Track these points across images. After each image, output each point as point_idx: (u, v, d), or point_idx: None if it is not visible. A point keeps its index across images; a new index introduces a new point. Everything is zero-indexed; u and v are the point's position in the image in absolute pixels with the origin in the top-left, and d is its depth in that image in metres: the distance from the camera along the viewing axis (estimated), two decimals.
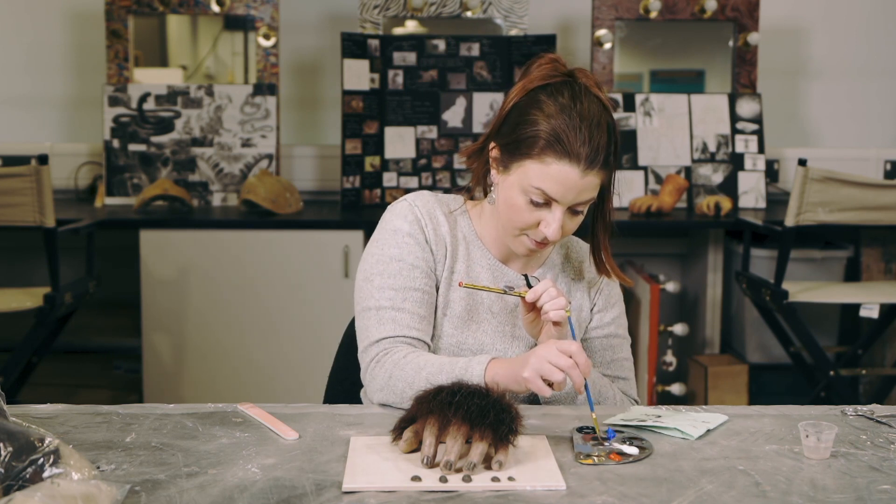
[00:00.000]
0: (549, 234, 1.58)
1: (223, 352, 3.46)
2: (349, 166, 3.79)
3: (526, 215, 1.59)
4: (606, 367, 1.76)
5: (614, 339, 1.77)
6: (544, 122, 1.55)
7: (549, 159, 1.54)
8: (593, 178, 1.56)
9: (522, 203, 1.58)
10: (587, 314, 1.76)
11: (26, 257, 3.92)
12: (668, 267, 4.13)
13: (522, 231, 1.61)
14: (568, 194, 1.56)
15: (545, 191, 1.56)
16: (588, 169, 1.55)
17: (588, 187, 1.57)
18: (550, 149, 1.54)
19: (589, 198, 1.59)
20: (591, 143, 1.54)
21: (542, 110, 1.56)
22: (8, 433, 1.16)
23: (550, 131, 1.54)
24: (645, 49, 4.26)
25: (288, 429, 1.46)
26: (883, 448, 1.44)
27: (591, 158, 1.54)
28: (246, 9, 3.97)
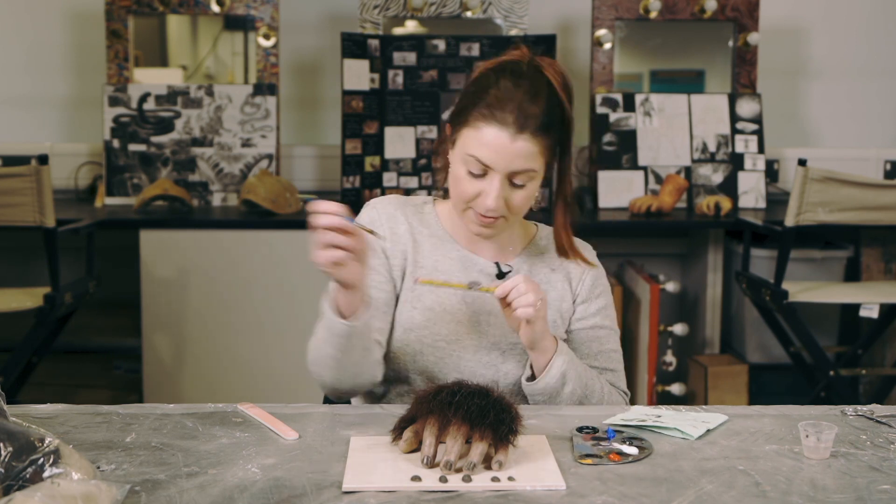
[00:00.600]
0: (487, 204, 1.59)
1: (223, 352, 3.46)
2: (349, 166, 3.79)
3: (467, 186, 1.61)
4: (593, 359, 1.74)
5: (600, 330, 1.76)
6: (481, 91, 1.60)
7: (480, 124, 1.58)
8: (525, 144, 1.57)
9: (463, 174, 1.61)
10: (569, 306, 1.75)
11: (26, 257, 3.92)
12: (668, 267, 4.13)
13: (467, 205, 1.63)
14: (499, 160, 1.57)
15: (478, 157, 1.58)
16: (518, 133, 1.57)
17: (521, 154, 1.58)
18: (480, 113, 1.58)
19: (525, 167, 1.59)
20: (522, 109, 1.57)
21: (482, 83, 1.62)
22: (8, 433, 1.16)
23: (482, 98, 1.59)
24: (645, 49, 4.27)
25: (288, 429, 1.46)
26: (883, 448, 1.44)
27: (520, 123, 1.57)
28: (246, 9, 3.97)
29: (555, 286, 1.74)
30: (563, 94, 1.63)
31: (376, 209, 1.74)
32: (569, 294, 1.75)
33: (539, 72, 1.63)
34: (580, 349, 1.75)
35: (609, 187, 3.91)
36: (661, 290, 3.57)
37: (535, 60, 1.64)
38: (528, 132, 1.57)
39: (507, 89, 1.59)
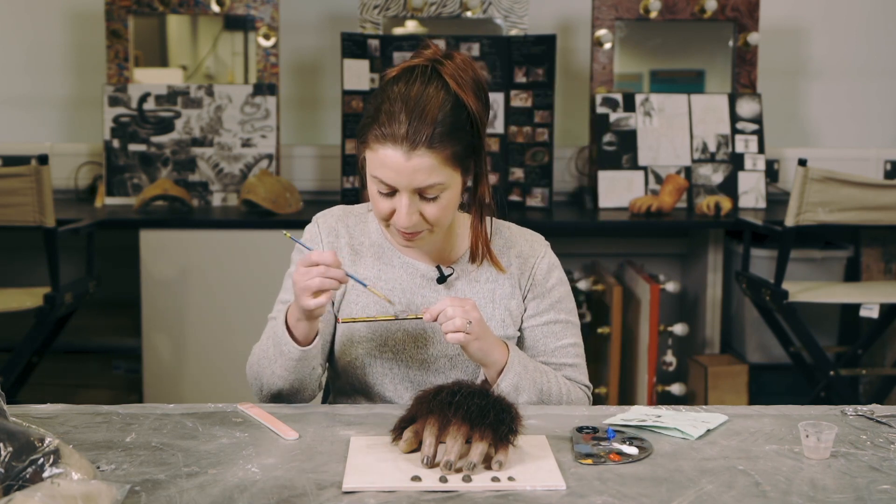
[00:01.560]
0: (398, 223, 1.58)
1: (223, 352, 3.46)
2: (349, 166, 3.79)
3: (380, 204, 1.59)
4: (550, 356, 1.72)
5: (555, 325, 1.73)
6: (377, 106, 1.57)
7: (376, 146, 1.56)
8: (422, 159, 1.53)
9: (375, 193, 1.60)
10: (519, 303, 1.72)
11: (26, 257, 3.92)
12: (668, 267, 4.13)
13: (386, 222, 1.62)
14: (400, 179, 1.54)
15: (380, 178, 1.56)
16: (411, 150, 1.53)
17: (420, 169, 1.53)
18: (373, 135, 1.56)
19: (428, 182, 1.55)
20: (410, 124, 1.52)
21: (378, 96, 1.58)
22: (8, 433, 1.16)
23: (375, 117, 1.56)
24: (645, 49, 4.26)
25: (288, 429, 1.46)
26: (883, 448, 1.44)
27: (411, 139, 1.52)
28: (246, 9, 3.97)
29: (502, 284, 1.72)
30: (466, 92, 1.56)
31: (317, 224, 1.75)
32: (518, 291, 1.72)
33: (436, 75, 1.57)
34: (535, 346, 1.72)
35: (609, 187, 3.91)
36: (661, 290, 3.57)
37: (437, 61, 1.58)
38: (423, 146, 1.52)
39: (397, 103, 1.54)
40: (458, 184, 1.60)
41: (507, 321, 1.71)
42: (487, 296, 1.70)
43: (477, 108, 1.58)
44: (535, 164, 3.88)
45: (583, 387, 1.73)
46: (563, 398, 1.67)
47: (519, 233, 1.78)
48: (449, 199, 1.59)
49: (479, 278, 1.71)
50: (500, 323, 1.70)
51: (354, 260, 1.72)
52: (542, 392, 1.64)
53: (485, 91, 1.61)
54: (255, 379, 1.68)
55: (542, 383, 1.65)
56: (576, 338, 1.75)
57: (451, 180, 1.57)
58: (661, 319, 3.61)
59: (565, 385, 1.69)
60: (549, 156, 3.87)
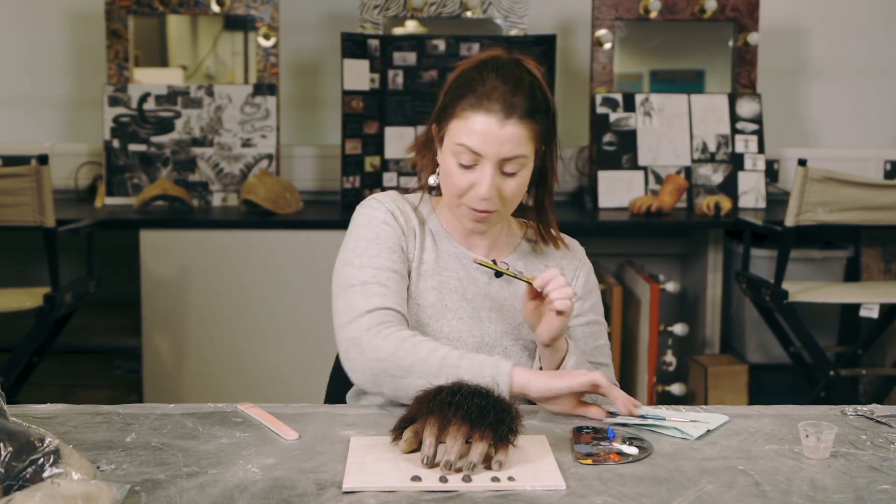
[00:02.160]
0: (481, 192, 1.60)
1: (223, 352, 3.46)
2: (349, 166, 3.79)
3: (458, 179, 1.62)
4: (590, 355, 1.76)
5: (594, 325, 1.79)
6: (465, 86, 1.61)
7: (467, 113, 1.59)
8: (514, 128, 1.58)
9: (454, 167, 1.62)
10: None
11: (26, 257, 3.92)
12: (668, 267, 4.13)
13: (460, 199, 1.63)
14: (489, 146, 1.58)
15: (467, 145, 1.59)
16: (506, 119, 1.58)
17: (510, 139, 1.58)
18: (466, 102, 1.60)
19: (515, 153, 1.59)
20: (507, 95, 1.58)
21: (465, 78, 1.63)
22: (8, 433, 1.16)
23: (468, 88, 1.60)
24: (645, 49, 4.27)
25: (288, 429, 1.46)
26: (883, 448, 1.44)
27: (507, 108, 1.58)
28: (246, 9, 3.97)
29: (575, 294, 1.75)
30: (546, 83, 1.65)
31: (386, 204, 1.71)
32: None
33: (520, 64, 1.65)
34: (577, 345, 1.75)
35: (609, 187, 3.91)
36: (661, 290, 3.58)
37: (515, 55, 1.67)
38: (516, 117, 1.58)
39: (491, 81, 1.60)
40: (532, 165, 1.65)
41: None
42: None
43: (553, 101, 1.66)
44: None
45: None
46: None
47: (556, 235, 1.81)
48: (524, 178, 1.64)
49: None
50: None
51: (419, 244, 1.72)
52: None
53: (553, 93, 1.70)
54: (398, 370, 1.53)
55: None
56: (607, 339, 1.82)
57: (530, 157, 1.63)
58: (661, 319, 3.61)
59: None
60: None
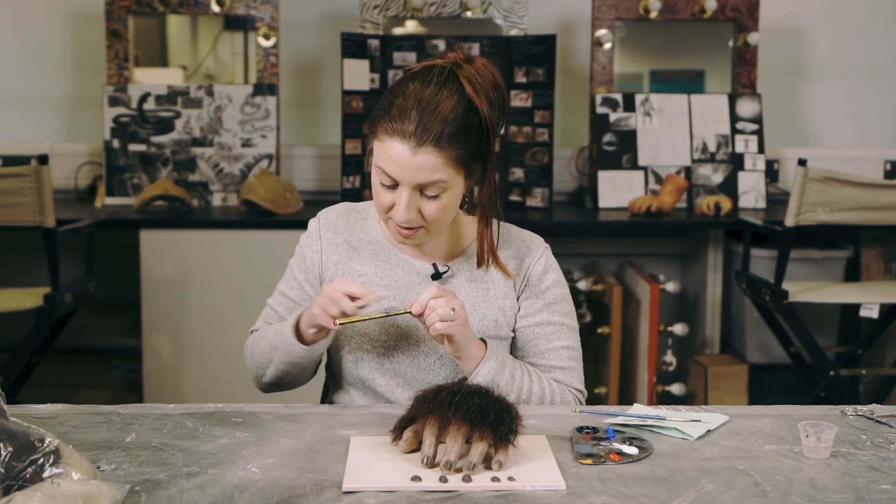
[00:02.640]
0: (395, 217, 1.60)
1: (223, 352, 3.46)
2: (349, 166, 3.79)
3: (382, 196, 1.62)
4: (540, 357, 1.72)
5: (547, 326, 1.72)
6: (390, 100, 1.60)
7: (384, 136, 1.58)
8: (427, 157, 1.55)
9: (377, 185, 1.62)
10: (513, 303, 1.72)
11: (26, 257, 3.92)
12: (668, 267, 4.13)
13: (386, 215, 1.63)
14: (403, 173, 1.57)
15: (384, 169, 1.59)
16: (417, 147, 1.55)
17: (423, 167, 1.55)
18: (383, 126, 1.58)
19: (430, 179, 1.56)
20: (421, 122, 1.55)
21: (394, 90, 1.61)
22: (8, 433, 1.16)
23: (386, 110, 1.59)
24: (645, 49, 4.27)
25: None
26: (883, 448, 1.44)
27: (419, 136, 1.54)
28: (246, 9, 3.97)
29: (497, 284, 1.72)
30: (480, 97, 1.58)
31: (319, 220, 1.78)
32: (512, 291, 1.73)
33: (453, 77, 1.58)
34: (526, 346, 1.72)
35: (609, 187, 3.91)
36: (661, 290, 3.57)
37: (457, 63, 1.60)
38: (430, 145, 1.54)
39: (411, 98, 1.56)
40: (461, 186, 1.61)
41: (500, 321, 1.71)
42: (481, 295, 1.71)
43: (489, 114, 1.59)
44: (535, 165, 3.88)
45: (573, 390, 1.71)
46: (546, 400, 1.66)
47: (518, 234, 1.78)
48: (449, 199, 1.60)
49: (475, 278, 1.72)
50: (492, 323, 1.70)
51: (351, 256, 1.74)
52: (522, 391, 1.64)
53: (502, 98, 1.63)
54: (256, 368, 1.76)
55: (523, 382, 1.64)
56: (570, 341, 1.74)
57: (453, 181, 1.58)
58: (661, 319, 3.61)
59: (550, 387, 1.68)
60: (549, 156, 3.87)
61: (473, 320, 1.68)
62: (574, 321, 1.77)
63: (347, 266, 1.72)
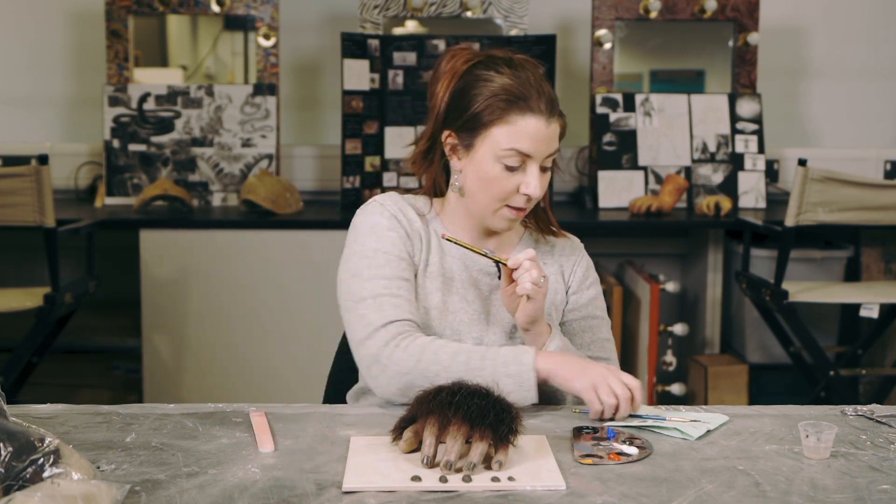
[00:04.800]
0: (531, 192, 1.63)
1: (223, 352, 3.46)
2: (349, 166, 3.79)
3: (504, 183, 1.64)
4: (587, 349, 1.76)
5: (592, 319, 1.78)
6: (496, 87, 1.63)
7: (514, 117, 1.62)
8: (556, 126, 1.65)
9: (498, 172, 1.63)
10: (563, 297, 1.77)
11: (26, 257, 3.92)
12: (668, 267, 4.13)
13: (503, 202, 1.65)
14: (540, 146, 1.63)
15: (519, 149, 1.62)
16: (550, 117, 1.63)
17: (553, 136, 1.65)
18: (513, 107, 1.62)
19: (554, 149, 1.66)
20: (545, 93, 1.63)
21: (488, 80, 1.64)
22: (8, 433, 1.16)
23: (507, 92, 1.62)
24: (645, 49, 4.26)
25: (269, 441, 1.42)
26: (883, 448, 1.44)
27: (549, 107, 1.63)
28: (246, 9, 3.97)
29: (550, 277, 1.76)
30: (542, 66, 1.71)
31: (389, 207, 1.70)
32: (562, 285, 1.78)
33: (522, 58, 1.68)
34: (574, 340, 1.76)
35: (609, 187, 3.91)
36: (661, 290, 3.57)
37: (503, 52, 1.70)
38: (556, 114, 1.65)
39: (520, 78, 1.63)
40: None
41: (551, 313, 1.75)
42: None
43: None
44: None
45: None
46: None
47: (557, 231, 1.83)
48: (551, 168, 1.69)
49: None
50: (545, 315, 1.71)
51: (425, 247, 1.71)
52: None
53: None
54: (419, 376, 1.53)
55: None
56: (610, 334, 1.81)
57: None
58: (661, 319, 3.61)
59: None
60: None
61: None
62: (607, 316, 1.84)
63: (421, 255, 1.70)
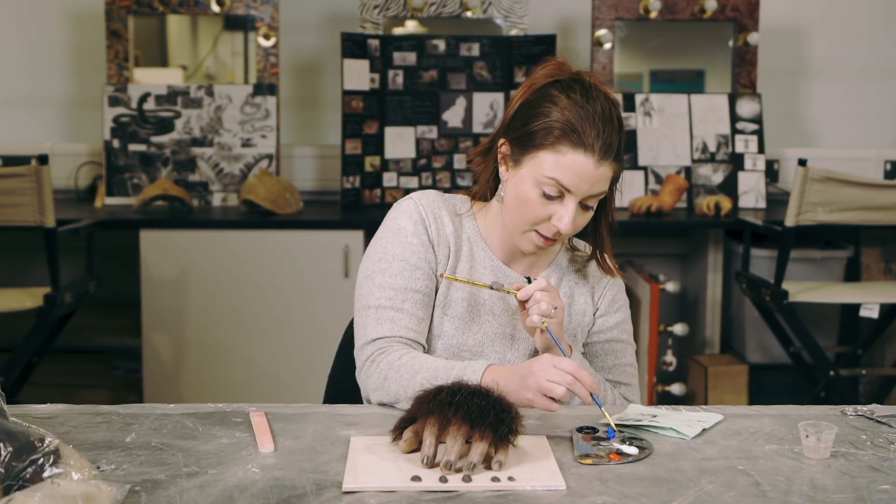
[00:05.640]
0: (562, 228, 1.58)
1: (223, 352, 3.45)
2: (349, 166, 3.79)
3: (538, 209, 1.59)
4: (608, 372, 1.75)
5: (617, 343, 1.76)
6: (558, 113, 1.57)
7: (564, 149, 1.56)
8: (606, 170, 1.58)
9: (535, 196, 1.59)
10: (590, 318, 1.76)
11: (26, 257, 3.92)
12: (668, 267, 4.13)
13: (533, 226, 1.61)
14: (582, 185, 1.56)
15: (560, 181, 1.56)
16: (602, 160, 1.56)
17: (601, 179, 1.58)
18: (566, 138, 1.56)
19: (600, 191, 1.59)
20: (605, 135, 1.56)
21: (555, 103, 1.58)
22: (8, 433, 1.16)
23: (565, 122, 1.56)
24: (645, 49, 4.26)
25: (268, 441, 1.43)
26: (883, 448, 1.44)
27: (604, 150, 1.56)
28: (246, 9, 3.97)
29: (577, 300, 1.75)
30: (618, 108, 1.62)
31: (423, 208, 1.68)
32: (590, 307, 1.76)
33: (597, 87, 1.61)
34: (595, 362, 1.75)
35: None
36: (661, 290, 3.57)
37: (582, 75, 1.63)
38: (611, 158, 1.57)
39: (585, 112, 1.56)
40: None
41: (577, 334, 1.73)
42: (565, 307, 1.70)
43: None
44: None
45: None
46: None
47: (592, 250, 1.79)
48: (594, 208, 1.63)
49: (562, 288, 1.74)
50: (570, 336, 1.72)
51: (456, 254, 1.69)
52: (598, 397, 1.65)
53: None
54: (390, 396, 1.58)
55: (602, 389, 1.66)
56: (633, 360, 1.79)
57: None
58: (661, 319, 3.61)
59: (619, 399, 1.72)
60: None
61: None
62: (633, 342, 1.81)
63: (448, 262, 1.68)
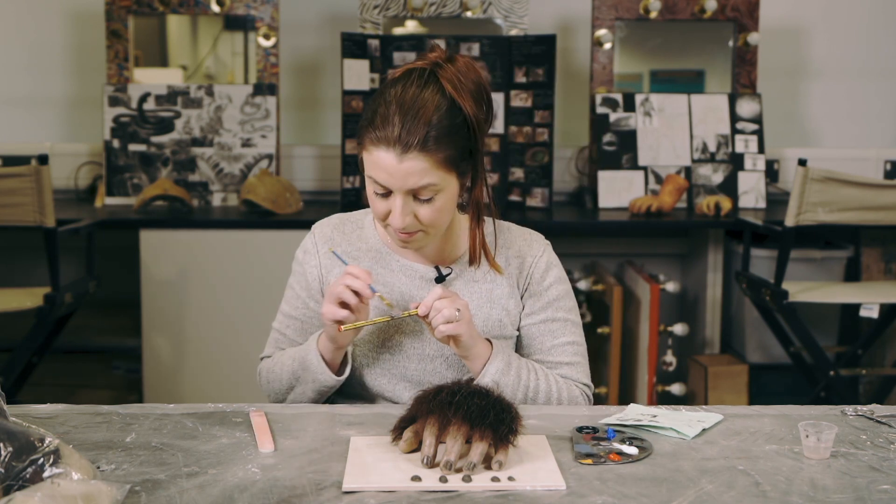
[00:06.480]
0: (392, 223, 1.59)
1: (223, 352, 3.46)
2: (349, 166, 3.79)
3: (379, 206, 1.61)
4: (546, 354, 1.72)
5: (551, 323, 1.73)
6: (373, 108, 1.59)
7: (371, 147, 1.58)
8: (414, 162, 1.53)
9: (372, 194, 1.62)
10: (517, 302, 1.73)
11: (26, 257, 3.92)
12: (668, 267, 4.13)
13: (384, 222, 1.63)
14: (393, 180, 1.56)
15: (375, 178, 1.58)
16: (403, 153, 1.53)
17: (412, 172, 1.54)
18: (368, 137, 1.58)
19: (422, 183, 1.55)
20: (403, 127, 1.53)
21: (377, 98, 1.60)
22: (8, 433, 1.16)
23: (369, 119, 1.58)
24: (645, 49, 4.26)
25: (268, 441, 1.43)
26: (883, 448, 1.44)
27: (404, 142, 1.53)
28: (246, 9, 3.97)
29: (500, 284, 1.72)
30: (464, 96, 1.57)
31: (314, 235, 1.78)
32: (516, 290, 1.73)
33: (434, 78, 1.57)
34: (531, 344, 1.73)
35: (609, 187, 3.91)
36: (661, 290, 3.57)
37: (437, 64, 1.59)
38: (416, 149, 1.53)
39: (392, 105, 1.55)
40: (454, 186, 1.60)
41: (504, 321, 1.71)
42: (485, 296, 1.71)
43: (474, 112, 1.58)
44: (535, 164, 3.88)
45: (580, 384, 1.72)
46: (553, 397, 1.67)
47: (518, 233, 1.78)
48: (443, 201, 1.59)
49: (478, 278, 1.72)
50: (497, 323, 1.70)
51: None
52: (529, 389, 1.65)
53: (486, 95, 1.62)
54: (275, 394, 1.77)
55: (529, 380, 1.65)
56: (575, 336, 1.75)
57: (444, 183, 1.58)
58: (661, 319, 3.61)
59: (557, 384, 1.68)
60: (549, 156, 3.87)
61: (478, 321, 1.68)
62: (577, 317, 1.77)
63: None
